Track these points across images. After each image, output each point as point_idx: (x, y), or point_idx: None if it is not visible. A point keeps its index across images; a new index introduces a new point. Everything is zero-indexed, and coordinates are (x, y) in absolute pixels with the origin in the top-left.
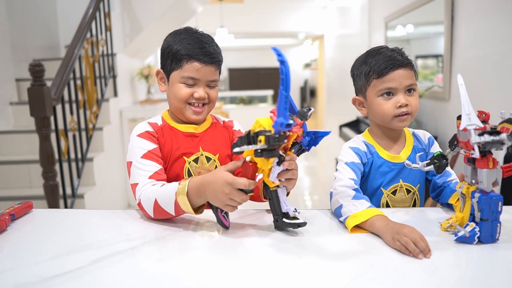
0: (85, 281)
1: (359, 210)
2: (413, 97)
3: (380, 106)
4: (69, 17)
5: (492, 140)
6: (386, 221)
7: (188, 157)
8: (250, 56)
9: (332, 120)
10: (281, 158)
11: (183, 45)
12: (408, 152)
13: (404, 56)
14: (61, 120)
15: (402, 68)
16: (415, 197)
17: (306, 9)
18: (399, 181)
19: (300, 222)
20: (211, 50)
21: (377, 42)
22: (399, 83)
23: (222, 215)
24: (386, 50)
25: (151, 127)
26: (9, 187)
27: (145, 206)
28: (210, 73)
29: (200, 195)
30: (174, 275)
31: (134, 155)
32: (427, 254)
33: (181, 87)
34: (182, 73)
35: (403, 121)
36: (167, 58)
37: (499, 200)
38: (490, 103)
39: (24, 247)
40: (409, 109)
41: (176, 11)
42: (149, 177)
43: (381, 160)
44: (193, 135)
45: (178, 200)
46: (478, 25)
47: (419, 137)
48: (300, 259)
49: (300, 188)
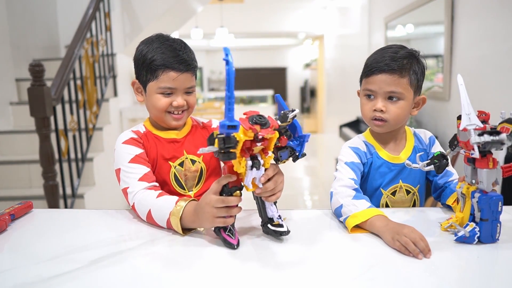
0: (85, 281)
1: (359, 210)
2: (394, 105)
3: (362, 105)
4: (69, 17)
5: (492, 140)
6: (386, 221)
7: (173, 162)
8: (250, 56)
9: (332, 120)
10: (256, 162)
11: (157, 54)
12: (408, 153)
13: (399, 61)
14: (61, 120)
15: (387, 74)
16: (415, 197)
17: (306, 9)
18: (398, 181)
19: (283, 230)
20: (185, 57)
21: (377, 42)
22: (379, 87)
23: (226, 234)
24: (386, 51)
25: (135, 134)
26: (9, 187)
27: (139, 211)
28: (186, 81)
29: (195, 221)
30: (174, 275)
31: (122, 160)
32: (427, 254)
33: (159, 98)
34: (158, 83)
35: (379, 127)
36: (141, 68)
37: (499, 200)
38: (490, 103)
39: (24, 247)
40: (384, 116)
41: (176, 11)
42: (139, 179)
43: (380, 160)
44: (175, 140)
45: (170, 220)
46: (478, 25)
47: (420, 137)
48: (300, 259)
49: (300, 188)
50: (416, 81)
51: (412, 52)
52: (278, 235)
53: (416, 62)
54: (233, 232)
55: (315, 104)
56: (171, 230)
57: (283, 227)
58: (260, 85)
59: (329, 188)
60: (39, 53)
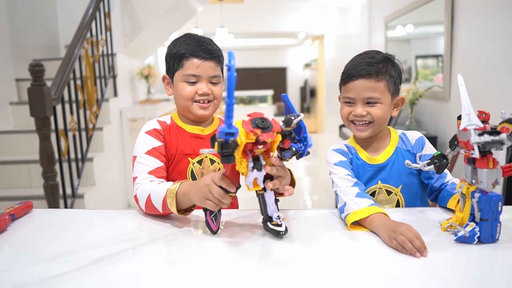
0: (85, 281)
1: (360, 208)
2: (375, 108)
3: (341, 110)
4: (69, 17)
5: (492, 140)
6: (384, 219)
7: (193, 158)
8: (250, 56)
9: (332, 120)
10: (257, 164)
11: (183, 46)
12: (388, 154)
13: (374, 66)
14: (61, 120)
15: (364, 79)
16: (398, 198)
17: (306, 9)
18: (377, 182)
19: (280, 230)
20: (210, 48)
21: (377, 42)
22: (357, 93)
23: (210, 218)
24: (362, 57)
25: (160, 125)
26: (9, 187)
27: (140, 199)
28: (210, 69)
29: (186, 193)
30: (174, 275)
31: (139, 150)
32: (423, 252)
33: (184, 86)
34: (183, 71)
35: (362, 131)
36: (169, 61)
37: (499, 200)
38: (490, 103)
39: (24, 247)
40: (368, 118)
41: (176, 11)
42: (149, 172)
43: (359, 161)
44: (199, 136)
45: (167, 196)
46: (478, 25)
47: (406, 138)
48: (299, 259)
49: (300, 188)
50: (393, 84)
51: (387, 57)
52: (276, 234)
53: (392, 65)
54: (217, 218)
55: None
56: (172, 229)
57: (281, 227)
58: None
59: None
60: (39, 53)
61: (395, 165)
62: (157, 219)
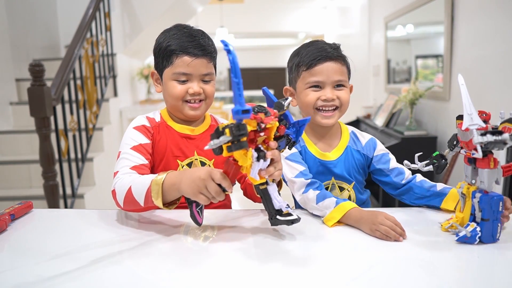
0: (85, 281)
1: (327, 214)
2: (342, 91)
3: (305, 97)
4: (69, 17)
5: (494, 140)
6: (358, 213)
7: (182, 160)
8: (250, 56)
9: None
10: (261, 153)
11: (173, 40)
12: (339, 153)
13: (337, 50)
14: (61, 120)
15: (332, 61)
16: (350, 194)
17: (306, 9)
18: (330, 178)
19: (294, 218)
20: (202, 42)
21: (377, 42)
22: (327, 76)
23: (196, 210)
24: (319, 43)
25: (149, 122)
26: (9, 187)
27: (118, 193)
28: (202, 67)
29: (175, 183)
30: (174, 275)
31: (125, 145)
32: (404, 235)
33: (174, 85)
34: (173, 69)
35: (329, 118)
36: (158, 56)
37: (500, 200)
38: (490, 103)
39: (24, 247)
40: (336, 103)
41: (176, 11)
42: (132, 167)
43: (308, 154)
44: (188, 136)
45: (151, 187)
46: (478, 25)
47: (357, 139)
48: (299, 259)
49: None
50: (348, 70)
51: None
52: (290, 224)
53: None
54: (202, 210)
55: None
56: (171, 229)
57: (293, 215)
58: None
59: None
60: (39, 53)
61: (347, 163)
62: (157, 219)
